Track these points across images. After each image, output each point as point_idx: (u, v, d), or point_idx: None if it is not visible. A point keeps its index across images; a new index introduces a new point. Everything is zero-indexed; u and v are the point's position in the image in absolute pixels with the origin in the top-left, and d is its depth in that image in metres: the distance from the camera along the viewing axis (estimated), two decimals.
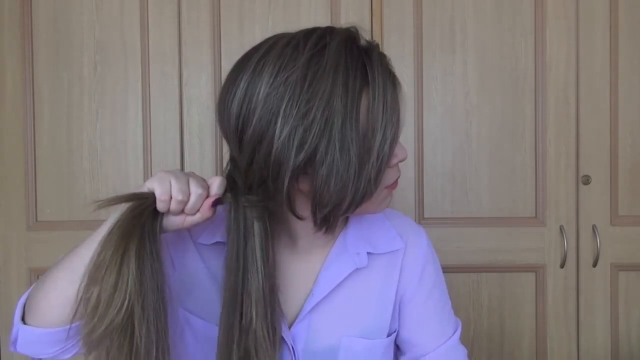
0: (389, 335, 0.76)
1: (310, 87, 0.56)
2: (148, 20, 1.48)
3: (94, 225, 1.55)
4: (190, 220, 0.62)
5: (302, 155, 0.57)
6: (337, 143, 0.56)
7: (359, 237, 0.75)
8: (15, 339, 0.64)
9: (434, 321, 0.77)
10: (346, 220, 0.77)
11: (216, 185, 0.62)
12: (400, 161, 0.67)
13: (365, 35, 0.64)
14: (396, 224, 0.79)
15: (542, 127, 1.49)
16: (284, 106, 0.56)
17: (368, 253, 0.74)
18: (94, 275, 0.56)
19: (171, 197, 0.59)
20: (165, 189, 0.59)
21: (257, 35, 1.48)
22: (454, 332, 0.78)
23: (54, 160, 1.48)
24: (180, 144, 1.48)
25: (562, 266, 1.49)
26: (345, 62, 0.58)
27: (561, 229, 1.48)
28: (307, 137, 0.56)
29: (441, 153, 1.50)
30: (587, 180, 1.48)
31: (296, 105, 0.56)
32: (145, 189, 0.61)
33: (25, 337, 0.63)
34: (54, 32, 1.47)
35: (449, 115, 1.50)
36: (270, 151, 0.57)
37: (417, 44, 1.50)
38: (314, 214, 0.62)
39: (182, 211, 0.61)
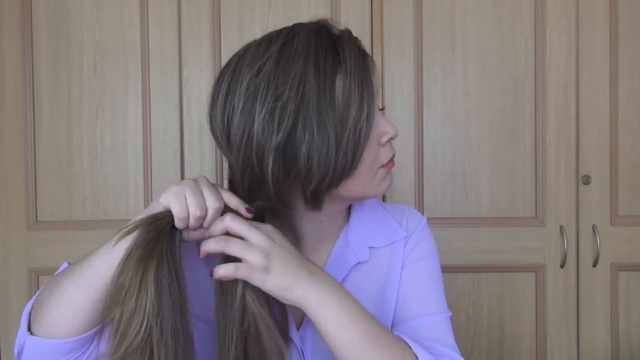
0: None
1: (284, 70, 0.60)
2: (148, 20, 1.48)
3: (94, 225, 1.55)
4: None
5: (281, 134, 0.59)
6: (314, 120, 0.59)
7: (360, 232, 0.76)
8: (21, 350, 0.64)
9: (417, 290, 0.74)
10: (348, 216, 0.77)
11: (233, 200, 0.62)
12: (392, 138, 0.69)
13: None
14: (396, 215, 0.79)
15: (542, 127, 1.49)
16: (261, 91, 0.60)
17: (370, 247, 0.75)
18: (115, 297, 0.56)
19: (189, 214, 0.59)
20: (182, 207, 0.58)
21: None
22: (442, 313, 0.74)
23: (54, 160, 1.48)
24: (180, 144, 1.48)
25: (562, 266, 1.49)
26: (316, 44, 0.61)
27: (561, 229, 1.48)
28: (284, 116, 0.59)
29: (441, 153, 1.50)
30: (587, 180, 1.48)
31: (272, 88, 0.59)
32: (160, 205, 0.60)
33: (33, 348, 0.62)
34: (54, 32, 1.48)
35: (449, 115, 1.50)
36: (252, 135, 0.60)
37: (417, 44, 1.50)
38: (303, 191, 0.64)
39: (200, 226, 0.61)
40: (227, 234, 0.60)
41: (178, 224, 0.59)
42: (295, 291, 0.59)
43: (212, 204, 0.59)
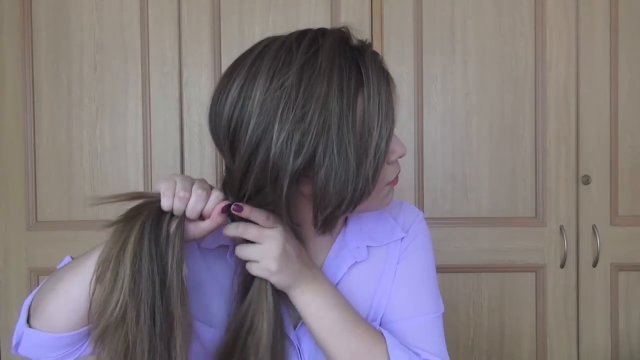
0: None
1: (306, 90, 0.56)
2: (148, 20, 1.48)
3: (94, 225, 1.55)
4: (202, 227, 0.62)
5: (300, 159, 0.57)
6: (334, 145, 0.57)
7: (358, 232, 0.76)
8: (19, 342, 0.64)
9: (408, 290, 0.74)
10: (346, 218, 0.77)
11: (215, 195, 0.62)
12: (400, 157, 0.67)
13: (364, 35, 0.64)
14: (394, 213, 0.79)
15: (542, 127, 1.49)
16: (280, 110, 0.56)
17: (368, 247, 0.75)
18: (98, 272, 0.57)
19: (174, 195, 0.60)
20: (169, 186, 0.60)
21: (257, 35, 1.48)
22: (432, 313, 0.74)
23: (54, 160, 1.48)
24: (180, 144, 1.48)
25: (562, 266, 1.49)
26: (340, 63, 0.58)
27: (561, 229, 1.48)
28: (305, 141, 0.56)
29: (441, 153, 1.50)
30: (587, 180, 1.48)
31: (293, 109, 0.56)
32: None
33: (31, 340, 0.63)
34: (54, 32, 1.48)
35: (449, 115, 1.50)
36: (268, 156, 0.57)
37: (417, 44, 1.50)
38: (315, 216, 0.62)
39: (188, 215, 0.61)
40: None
41: (163, 201, 0.60)
42: (291, 289, 0.66)
43: (196, 190, 0.61)
